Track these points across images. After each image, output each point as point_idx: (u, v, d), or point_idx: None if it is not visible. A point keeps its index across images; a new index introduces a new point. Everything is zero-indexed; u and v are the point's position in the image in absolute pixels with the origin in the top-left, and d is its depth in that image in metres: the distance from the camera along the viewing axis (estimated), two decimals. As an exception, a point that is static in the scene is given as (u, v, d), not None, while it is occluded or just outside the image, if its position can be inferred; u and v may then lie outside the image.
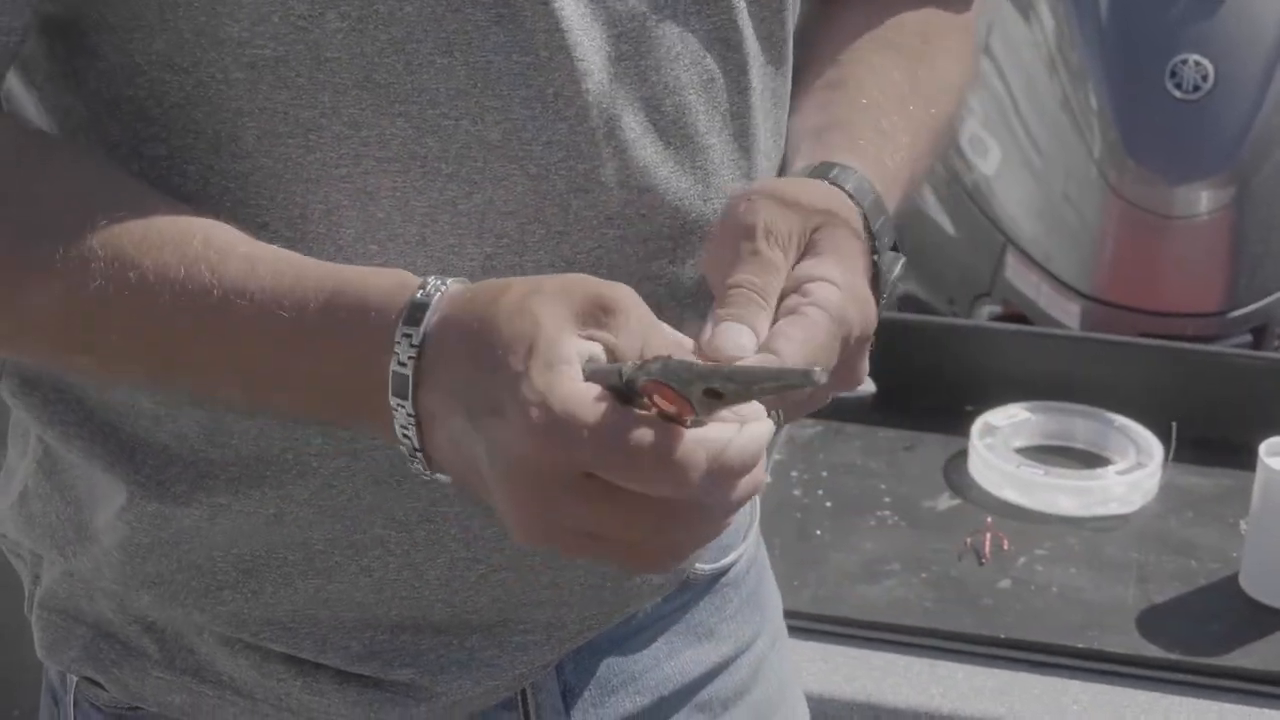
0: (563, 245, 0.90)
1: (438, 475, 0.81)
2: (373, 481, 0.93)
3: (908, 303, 2.96)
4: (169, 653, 1.00)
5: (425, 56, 0.86)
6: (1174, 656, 1.58)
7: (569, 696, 1.05)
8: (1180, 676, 1.57)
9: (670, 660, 1.08)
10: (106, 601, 1.00)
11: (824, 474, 1.87)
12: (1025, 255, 2.71)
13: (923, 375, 1.99)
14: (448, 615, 0.98)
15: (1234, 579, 1.69)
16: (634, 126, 0.91)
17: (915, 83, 1.03)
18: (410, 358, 0.78)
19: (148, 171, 0.88)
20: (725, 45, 0.94)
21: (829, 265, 0.86)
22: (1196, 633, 1.61)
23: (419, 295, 0.79)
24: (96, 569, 0.99)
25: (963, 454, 1.88)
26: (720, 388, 0.73)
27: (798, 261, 0.86)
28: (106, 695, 1.02)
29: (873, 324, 0.87)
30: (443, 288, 0.79)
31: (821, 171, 0.93)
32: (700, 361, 0.76)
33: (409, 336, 0.78)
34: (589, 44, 0.88)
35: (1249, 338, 2.61)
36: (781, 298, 0.84)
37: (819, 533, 1.76)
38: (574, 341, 0.75)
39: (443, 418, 0.78)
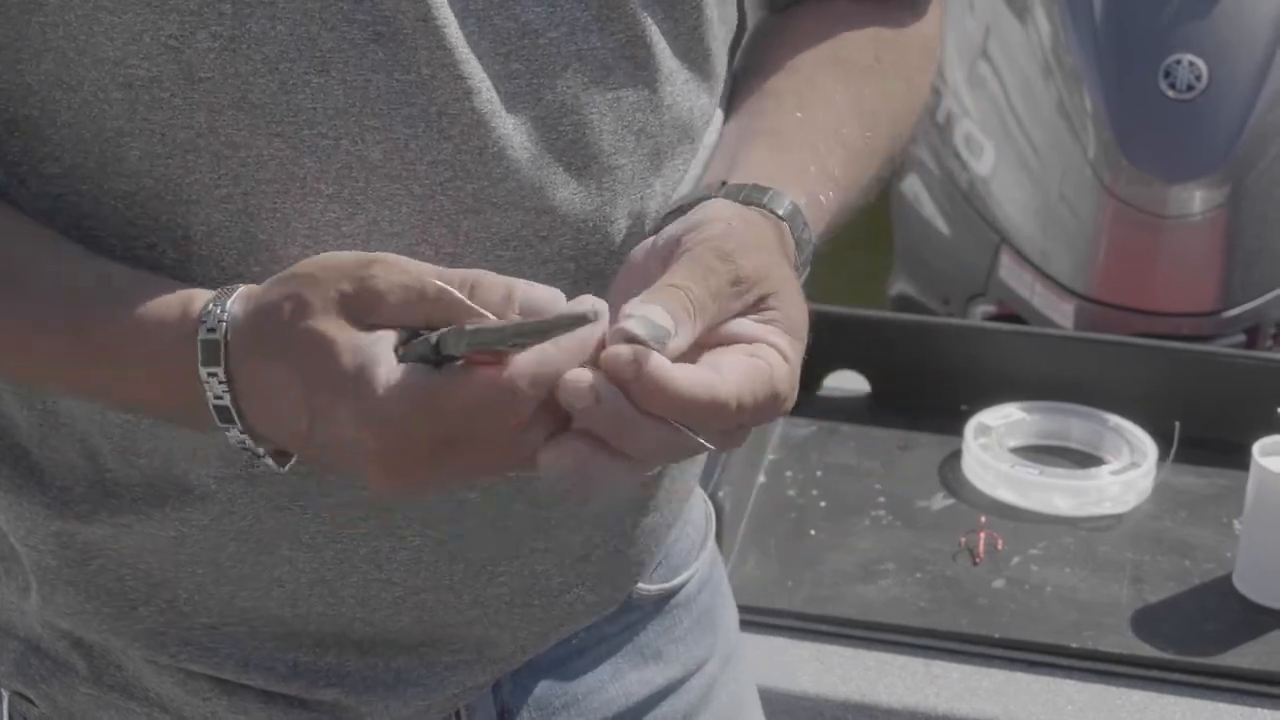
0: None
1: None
2: (274, 508, 0.92)
3: (902, 302, 2.96)
4: (97, 669, 0.99)
5: (300, 76, 0.84)
6: (1169, 656, 1.58)
7: (506, 718, 1.03)
8: (1175, 676, 1.57)
9: (615, 682, 1.06)
10: (35, 616, 0.99)
11: (819, 474, 1.87)
12: (1020, 255, 2.71)
13: (917, 375, 1.99)
14: (370, 633, 0.96)
15: (1228, 579, 1.69)
16: (528, 146, 0.88)
17: (858, 103, 0.99)
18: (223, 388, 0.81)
19: (46, 189, 0.88)
20: (633, 62, 0.91)
21: (784, 340, 0.83)
22: (1191, 632, 1.61)
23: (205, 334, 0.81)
24: (22, 590, 0.98)
25: (957, 454, 1.88)
26: (525, 343, 0.77)
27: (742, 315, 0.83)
28: (37, 711, 1.01)
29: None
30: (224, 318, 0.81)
31: (753, 196, 0.89)
32: (498, 322, 0.78)
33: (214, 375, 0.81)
34: (476, 61, 0.86)
35: (1243, 337, 2.61)
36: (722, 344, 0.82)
37: (814, 533, 1.75)
38: (366, 349, 0.78)
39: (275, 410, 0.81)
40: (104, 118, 0.85)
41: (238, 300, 0.82)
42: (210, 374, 0.81)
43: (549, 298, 0.78)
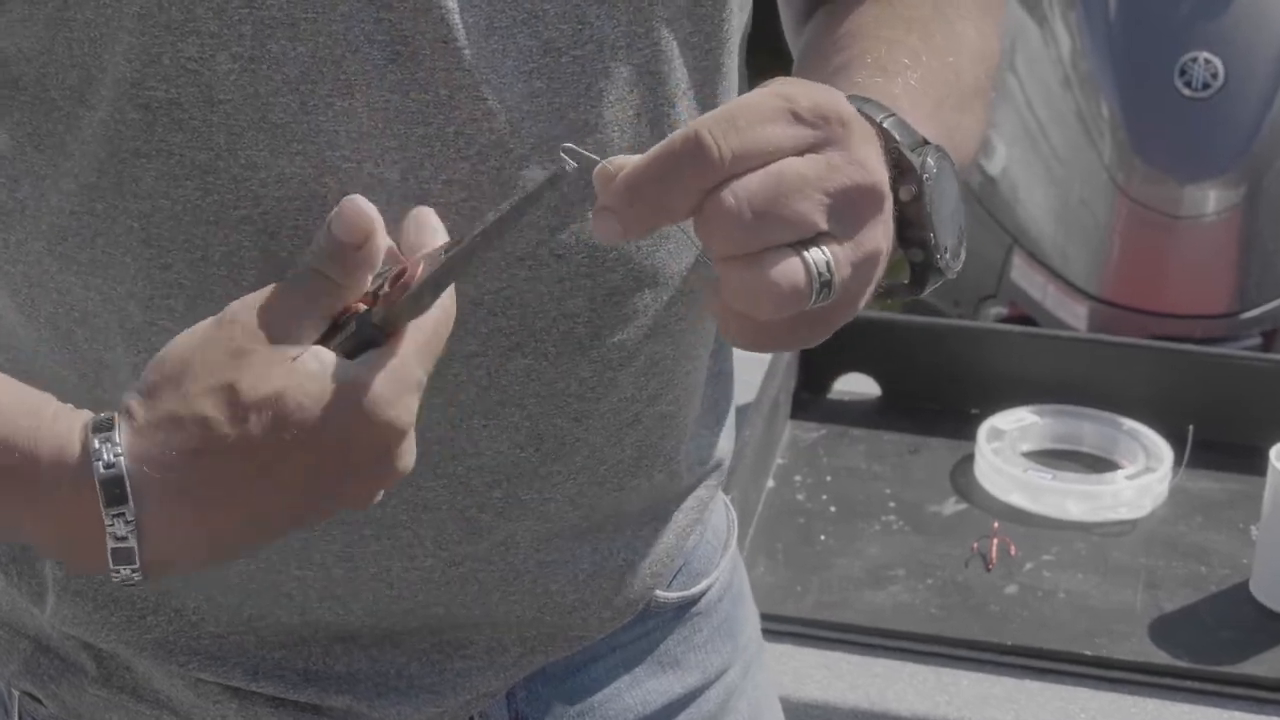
0: (468, 285, 0.88)
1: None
2: None
3: (912, 305, 2.95)
4: (106, 670, 0.99)
5: (323, 97, 0.84)
6: (1184, 664, 1.57)
7: None
8: (1190, 684, 1.56)
9: (631, 690, 1.05)
10: (46, 619, 0.99)
11: (828, 478, 1.85)
12: (1032, 256, 2.71)
13: (928, 378, 1.98)
14: (379, 636, 0.97)
15: (1244, 585, 1.67)
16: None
17: (929, 42, 0.96)
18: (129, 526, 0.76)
19: (64, 205, 0.87)
20: (654, 79, 0.91)
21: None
22: (1207, 640, 1.60)
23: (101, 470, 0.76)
24: (34, 594, 0.98)
25: (969, 458, 1.86)
26: (480, 236, 0.76)
27: None
28: (46, 711, 1.01)
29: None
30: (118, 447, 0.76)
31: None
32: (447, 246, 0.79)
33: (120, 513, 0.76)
34: (496, 81, 0.86)
35: (1259, 340, 2.60)
36: None
37: (823, 537, 1.74)
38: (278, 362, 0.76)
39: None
40: (119, 138, 0.85)
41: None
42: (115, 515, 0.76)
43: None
